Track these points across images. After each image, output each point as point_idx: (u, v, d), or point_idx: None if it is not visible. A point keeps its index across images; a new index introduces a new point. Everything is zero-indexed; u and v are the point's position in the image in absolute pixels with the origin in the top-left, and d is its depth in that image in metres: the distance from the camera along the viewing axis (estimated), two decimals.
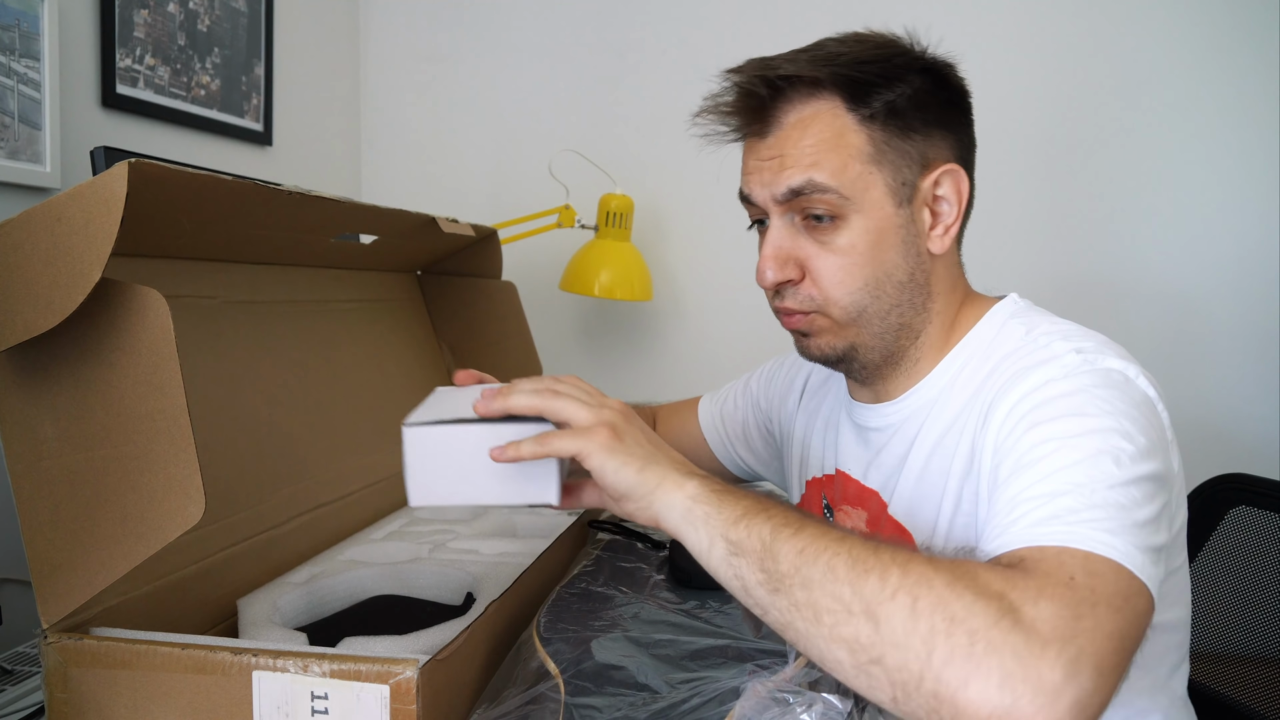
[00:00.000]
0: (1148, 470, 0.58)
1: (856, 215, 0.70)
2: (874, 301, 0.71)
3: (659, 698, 0.64)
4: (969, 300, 0.77)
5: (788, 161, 0.70)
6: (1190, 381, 1.68)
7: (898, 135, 0.69)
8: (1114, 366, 0.64)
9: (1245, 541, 1.00)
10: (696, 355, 1.88)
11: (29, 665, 0.90)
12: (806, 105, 0.70)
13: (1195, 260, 1.67)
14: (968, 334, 0.75)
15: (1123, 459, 0.57)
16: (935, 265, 0.73)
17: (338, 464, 1.10)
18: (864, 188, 0.69)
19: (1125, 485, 0.56)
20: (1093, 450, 0.58)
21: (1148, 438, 0.60)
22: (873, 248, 0.70)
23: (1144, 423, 0.61)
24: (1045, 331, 0.69)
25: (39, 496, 0.65)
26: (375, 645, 0.73)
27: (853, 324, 0.72)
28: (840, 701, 0.58)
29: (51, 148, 1.18)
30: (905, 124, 0.69)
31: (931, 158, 0.71)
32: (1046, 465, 0.58)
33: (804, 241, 0.72)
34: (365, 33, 2.01)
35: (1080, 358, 0.65)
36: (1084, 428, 0.59)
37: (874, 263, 0.70)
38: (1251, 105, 1.63)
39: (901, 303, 0.72)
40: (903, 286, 0.72)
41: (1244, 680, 0.97)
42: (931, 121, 0.71)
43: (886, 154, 0.69)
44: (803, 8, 1.79)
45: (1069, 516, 0.54)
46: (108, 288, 0.63)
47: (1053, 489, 0.56)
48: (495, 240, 1.37)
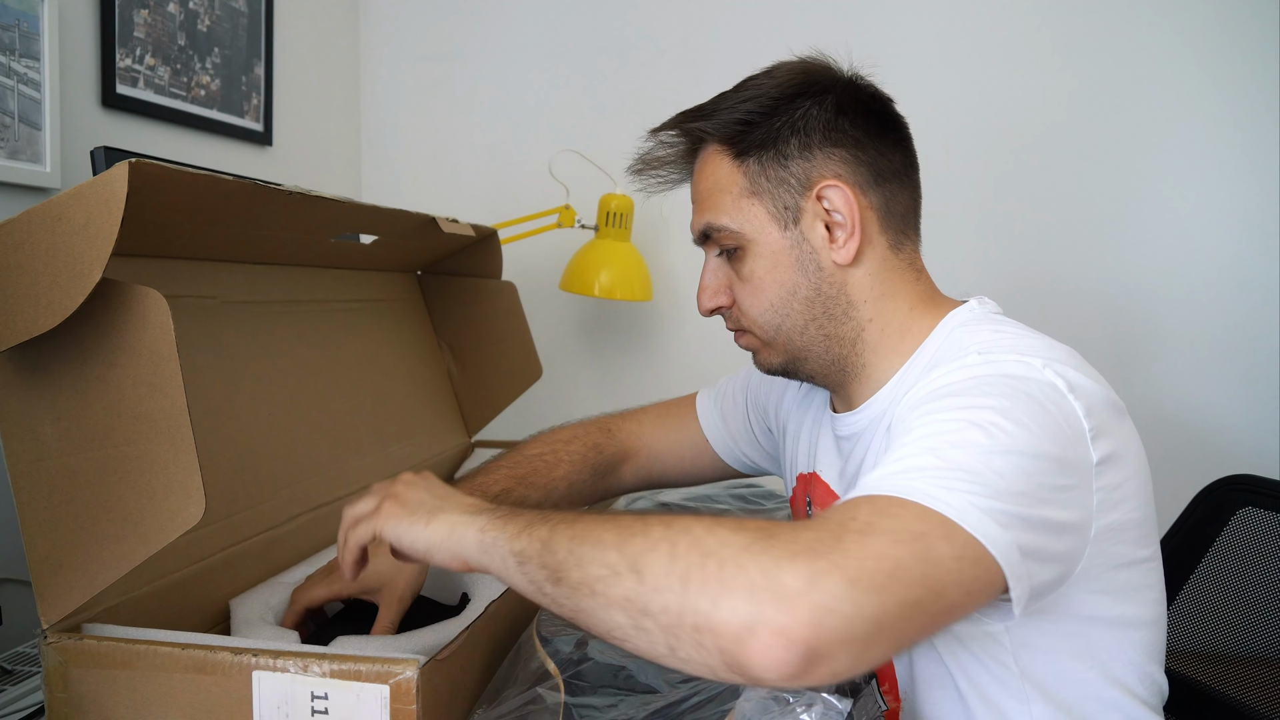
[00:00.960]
0: (1022, 445, 0.58)
1: (751, 245, 0.77)
2: (785, 319, 0.78)
3: (658, 697, 0.64)
4: (922, 306, 0.78)
5: (697, 206, 0.80)
6: (1191, 383, 1.68)
7: (774, 165, 0.75)
8: (1013, 359, 0.65)
9: (1252, 543, 0.99)
10: (696, 355, 1.88)
11: (29, 665, 0.90)
12: (703, 154, 0.80)
13: (1195, 260, 1.67)
14: (922, 343, 0.76)
15: (993, 431, 0.58)
16: (849, 276, 0.76)
17: (337, 464, 1.10)
18: (749, 219, 0.76)
19: (989, 454, 0.56)
20: (961, 423, 0.59)
21: (1030, 416, 0.60)
22: (770, 271, 0.77)
23: (1029, 404, 0.61)
24: (978, 339, 0.70)
25: (39, 496, 0.65)
26: (374, 645, 0.73)
27: (775, 341, 0.79)
28: (840, 701, 0.58)
29: (51, 148, 1.18)
30: (778, 152, 0.75)
31: (813, 177, 0.75)
32: (913, 435, 0.60)
33: (729, 271, 0.80)
34: (365, 33, 2.00)
35: (981, 357, 0.66)
36: (958, 404, 0.61)
37: (774, 284, 0.77)
38: (1246, 102, 1.63)
39: (816, 316, 0.77)
40: (810, 302, 0.77)
41: (1252, 682, 0.97)
42: (812, 144, 0.75)
43: (762, 185, 0.76)
44: (802, 8, 1.79)
45: (912, 473, 0.56)
46: (108, 288, 0.63)
47: (908, 453, 0.58)
48: (495, 240, 1.37)
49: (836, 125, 0.75)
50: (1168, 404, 1.68)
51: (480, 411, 1.48)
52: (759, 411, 1.00)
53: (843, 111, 0.75)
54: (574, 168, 1.72)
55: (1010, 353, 0.66)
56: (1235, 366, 1.66)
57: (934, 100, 1.73)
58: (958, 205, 1.70)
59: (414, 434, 1.28)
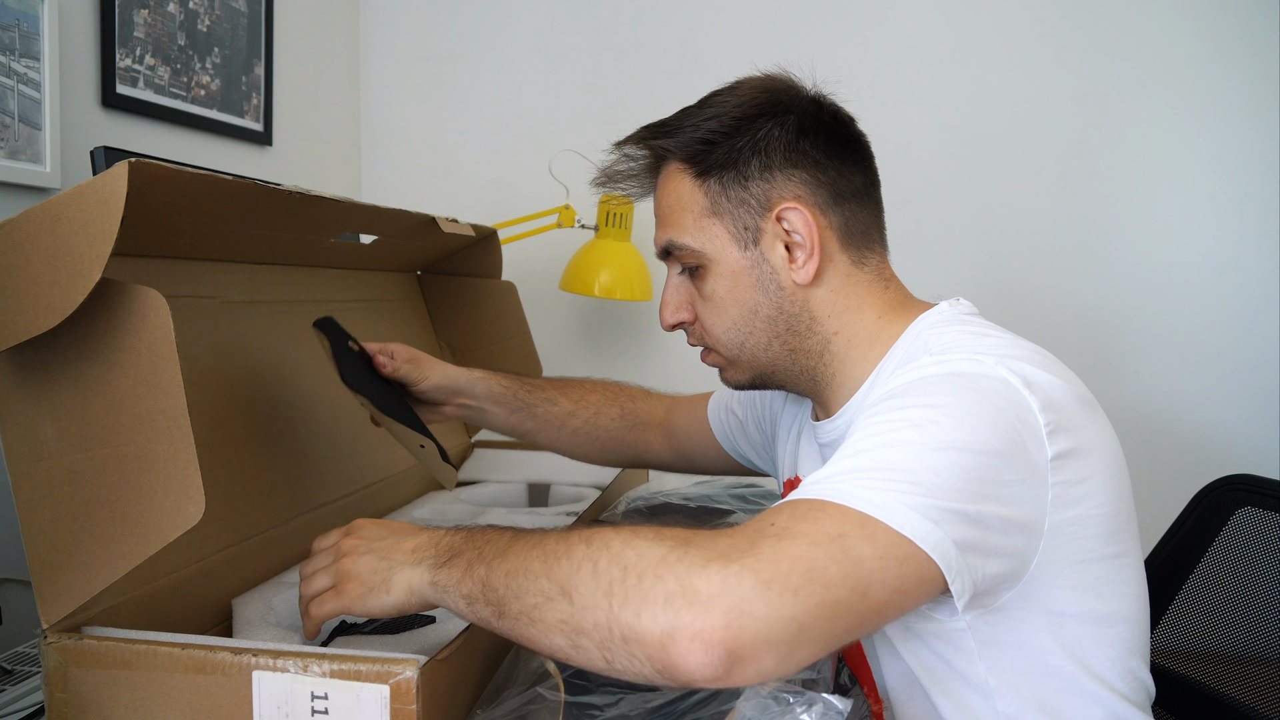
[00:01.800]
0: (961, 440, 0.58)
1: (713, 264, 0.77)
2: (748, 337, 0.78)
3: (659, 696, 0.64)
4: (891, 312, 0.78)
5: (659, 222, 0.80)
6: (1189, 384, 1.68)
7: (734, 185, 0.75)
8: (964, 358, 0.66)
9: (1251, 543, 0.99)
10: (696, 355, 1.88)
11: (29, 665, 0.90)
12: (665, 171, 0.79)
13: (1192, 262, 1.67)
14: (892, 346, 0.76)
15: (929, 428, 0.59)
16: (810, 294, 0.77)
17: (337, 464, 1.10)
18: (710, 239, 0.77)
19: (923, 451, 0.57)
20: (898, 423, 0.60)
21: (973, 413, 0.61)
22: (731, 290, 0.77)
23: (973, 400, 0.61)
24: (943, 340, 0.71)
25: (39, 496, 0.65)
26: (374, 645, 0.73)
27: (740, 359, 0.80)
28: (840, 702, 0.58)
29: (51, 148, 1.18)
30: (739, 173, 0.75)
31: (773, 198, 0.75)
32: (850, 442, 0.61)
33: (690, 288, 0.80)
34: (365, 33, 2.01)
35: (932, 359, 0.67)
36: (899, 405, 0.62)
37: (736, 304, 0.77)
38: (1241, 103, 1.63)
39: (779, 333, 0.77)
40: (772, 320, 0.77)
41: (1251, 682, 0.97)
42: (772, 165, 0.75)
43: (723, 205, 0.76)
44: (801, 8, 1.79)
45: (839, 477, 0.57)
46: (108, 288, 0.63)
47: (841, 456, 0.59)
48: (495, 240, 1.38)
49: (797, 146, 0.75)
50: (1166, 405, 1.68)
51: None
52: (756, 412, 1.01)
53: (804, 132, 0.75)
54: (574, 168, 1.72)
55: (964, 351, 0.67)
56: (1234, 367, 1.66)
57: (922, 103, 1.73)
58: (944, 210, 1.71)
59: None
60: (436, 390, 1.02)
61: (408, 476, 1.27)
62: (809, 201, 0.75)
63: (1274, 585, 0.98)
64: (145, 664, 0.63)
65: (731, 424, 1.04)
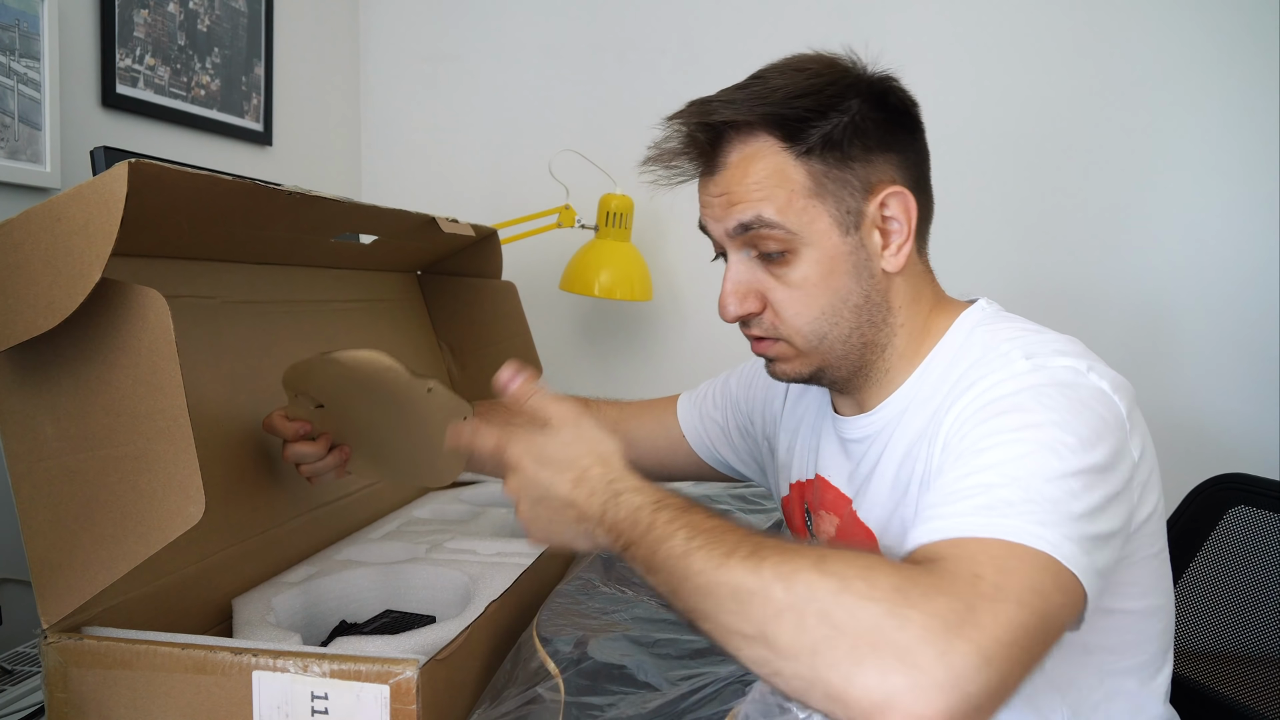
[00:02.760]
0: (1089, 462, 0.59)
1: (806, 248, 0.72)
2: (833, 328, 0.74)
3: (659, 696, 0.64)
4: (938, 307, 0.78)
5: (734, 198, 0.72)
6: (1194, 381, 1.68)
7: (837, 166, 0.71)
8: (1061, 365, 0.65)
9: (1244, 541, 1.00)
10: (696, 355, 1.88)
11: (29, 665, 0.90)
12: (746, 145, 0.72)
13: (1202, 260, 1.67)
14: (938, 343, 0.76)
15: (1062, 452, 0.58)
16: (892, 282, 0.75)
17: None
18: (809, 221, 0.71)
19: (1063, 478, 0.57)
20: (1032, 445, 0.59)
21: (1090, 428, 0.61)
22: (825, 277, 0.72)
23: (1087, 415, 0.62)
24: (1007, 338, 0.71)
25: (39, 496, 0.65)
26: (374, 645, 0.73)
27: (815, 350, 0.75)
28: None
29: (51, 148, 1.18)
30: (843, 153, 0.71)
31: (874, 181, 0.72)
32: (985, 458, 0.59)
33: (761, 275, 0.74)
34: (365, 33, 2.01)
35: (1029, 362, 0.66)
36: (1023, 422, 0.61)
37: (828, 292, 0.72)
38: (1249, 102, 1.63)
39: (861, 324, 0.74)
40: (859, 309, 0.74)
41: (1242, 680, 0.98)
42: (872, 146, 0.72)
43: (827, 186, 0.71)
44: (803, 7, 1.79)
45: (1003, 508, 0.55)
46: (108, 288, 0.63)
47: (989, 480, 0.57)
48: (495, 240, 1.37)
49: (889, 127, 0.73)
50: (1172, 402, 1.68)
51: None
52: (739, 416, 0.99)
53: (890, 112, 0.73)
54: (574, 168, 1.72)
55: (1056, 355, 0.66)
56: (1239, 365, 1.66)
57: (940, 101, 1.73)
58: (965, 207, 1.70)
59: None
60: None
61: None
62: (905, 185, 0.73)
63: (1266, 584, 0.98)
64: (145, 664, 0.63)
65: (710, 430, 1.01)
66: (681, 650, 0.72)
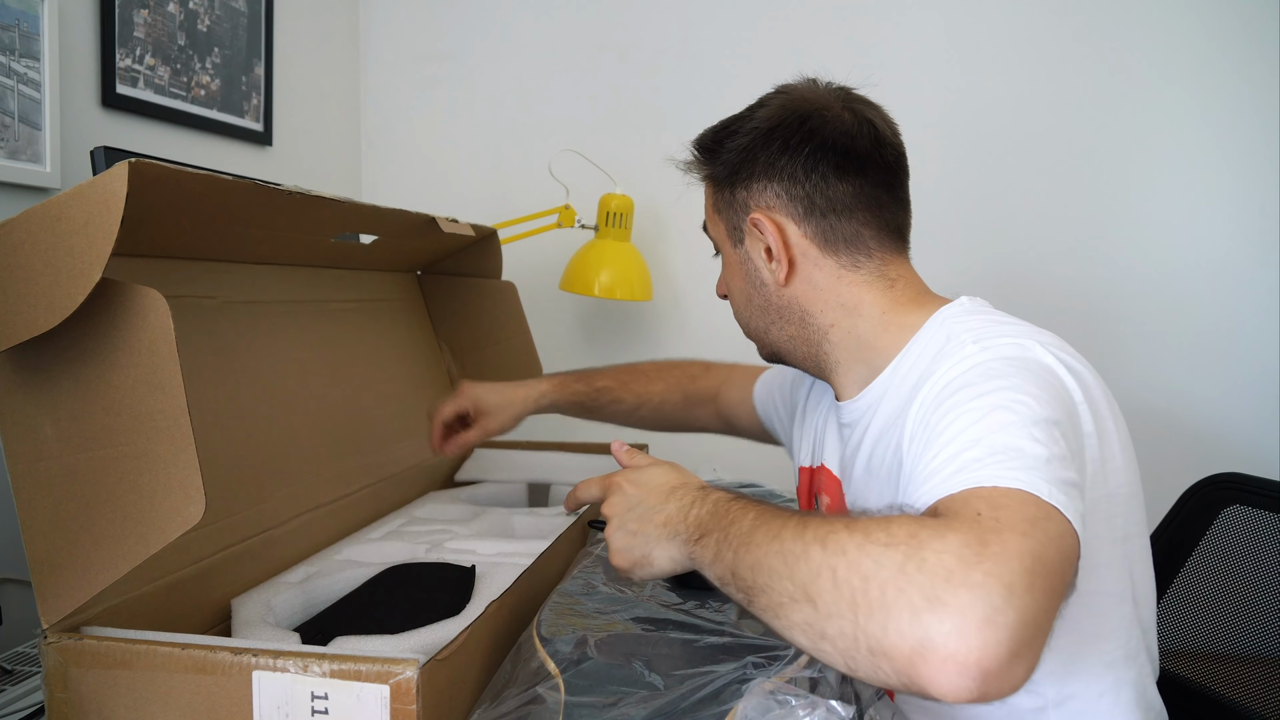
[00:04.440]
0: (1044, 414, 0.62)
1: (721, 253, 0.89)
2: (749, 320, 0.88)
3: (659, 696, 0.64)
4: (906, 307, 0.82)
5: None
6: (1187, 381, 1.68)
7: (727, 188, 0.85)
8: (1006, 342, 0.70)
9: (1239, 541, 1.00)
10: (696, 355, 1.87)
11: (29, 665, 0.90)
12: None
13: (1190, 259, 1.67)
14: (914, 336, 0.80)
15: (1017, 408, 0.62)
16: (795, 290, 0.83)
17: (337, 464, 1.10)
18: (717, 231, 0.88)
19: (1023, 427, 0.60)
20: (987, 408, 0.62)
21: (1038, 387, 0.64)
22: (732, 279, 0.88)
23: (1032, 378, 0.65)
24: (968, 328, 0.74)
25: (39, 496, 0.65)
26: (374, 645, 0.73)
27: (751, 336, 0.90)
28: (843, 708, 0.58)
29: (51, 148, 1.18)
30: (732, 179, 0.84)
31: (752, 205, 0.83)
32: (948, 433, 0.62)
33: None
34: (365, 33, 2.01)
35: (977, 345, 0.70)
36: (977, 393, 0.65)
37: (737, 290, 0.88)
38: (1240, 101, 1.63)
39: (775, 320, 0.86)
40: (764, 309, 0.86)
41: (1237, 679, 0.98)
42: (752, 176, 0.83)
43: (720, 205, 0.86)
44: (802, 8, 1.79)
45: (974, 465, 0.58)
46: (108, 288, 0.63)
47: (956, 449, 0.60)
48: (495, 240, 1.37)
49: (775, 163, 0.81)
50: (1162, 402, 1.68)
51: None
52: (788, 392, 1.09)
53: (787, 150, 0.81)
54: (574, 168, 1.72)
55: (1004, 338, 0.71)
56: (1232, 365, 1.66)
57: (925, 100, 1.73)
58: (948, 206, 1.70)
59: (414, 434, 1.28)
60: (512, 424, 1.18)
61: (408, 476, 1.27)
62: (782, 212, 0.82)
63: (1261, 583, 0.98)
64: (145, 664, 0.63)
65: (774, 403, 1.13)
66: (681, 650, 0.72)
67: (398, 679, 0.59)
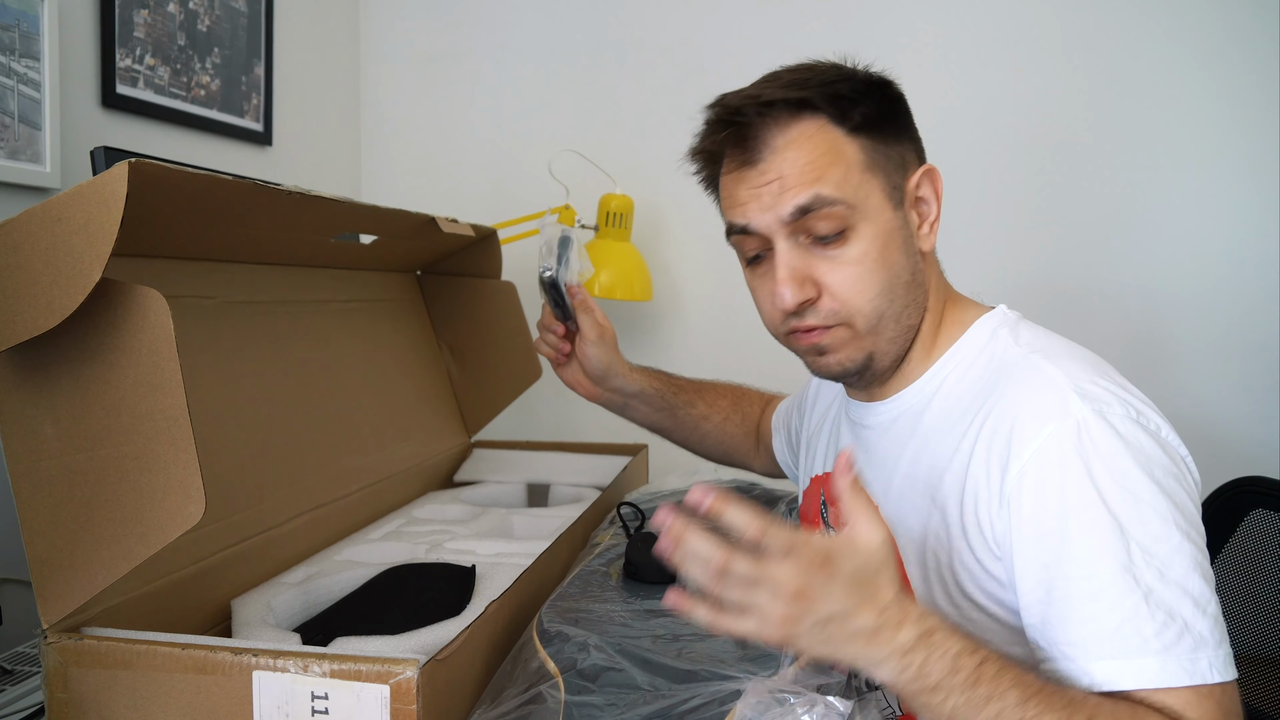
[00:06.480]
0: (1198, 540, 0.63)
1: (864, 224, 0.71)
2: (890, 305, 0.73)
3: (659, 696, 0.64)
4: (953, 300, 0.79)
5: (789, 182, 0.71)
6: (1205, 385, 1.68)
7: (881, 143, 0.73)
8: (1118, 411, 0.65)
9: (1264, 544, 1.00)
10: (696, 355, 1.88)
11: (29, 665, 0.90)
12: (793, 126, 0.71)
13: (1208, 263, 1.67)
14: (958, 340, 0.76)
15: (1174, 538, 0.62)
16: (928, 262, 0.77)
17: (337, 464, 1.10)
18: (865, 195, 0.71)
19: (1188, 573, 0.61)
20: (1142, 542, 0.61)
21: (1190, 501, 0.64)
22: (882, 253, 0.72)
23: (1180, 494, 0.64)
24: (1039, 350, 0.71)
25: (39, 496, 0.65)
26: (373, 645, 0.73)
27: (872, 332, 0.73)
28: (841, 703, 0.58)
29: (51, 148, 1.18)
30: (883, 133, 0.73)
31: (908, 160, 0.75)
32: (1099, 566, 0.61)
33: (814, 260, 0.72)
34: (365, 33, 2.00)
35: (1085, 404, 0.65)
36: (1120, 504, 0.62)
37: (885, 267, 0.72)
38: (1258, 103, 1.63)
39: (910, 303, 0.74)
40: (909, 287, 0.74)
41: (1263, 683, 0.97)
42: (902, 128, 0.75)
43: (877, 160, 0.72)
44: (802, 8, 1.79)
45: (1142, 648, 0.59)
46: (108, 288, 0.63)
47: (1114, 598, 0.60)
48: (495, 240, 1.37)
49: (903, 114, 0.76)
50: (1181, 407, 1.67)
51: (480, 411, 1.48)
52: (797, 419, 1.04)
53: (900, 102, 0.76)
54: (574, 168, 1.72)
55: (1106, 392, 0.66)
56: (1250, 368, 1.66)
57: (940, 101, 1.73)
58: (965, 208, 1.70)
59: (413, 434, 1.28)
60: (597, 360, 1.03)
61: (408, 476, 1.27)
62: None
63: None
64: (145, 664, 0.63)
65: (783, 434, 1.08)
66: (682, 651, 0.72)
67: (398, 679, 0.59)
